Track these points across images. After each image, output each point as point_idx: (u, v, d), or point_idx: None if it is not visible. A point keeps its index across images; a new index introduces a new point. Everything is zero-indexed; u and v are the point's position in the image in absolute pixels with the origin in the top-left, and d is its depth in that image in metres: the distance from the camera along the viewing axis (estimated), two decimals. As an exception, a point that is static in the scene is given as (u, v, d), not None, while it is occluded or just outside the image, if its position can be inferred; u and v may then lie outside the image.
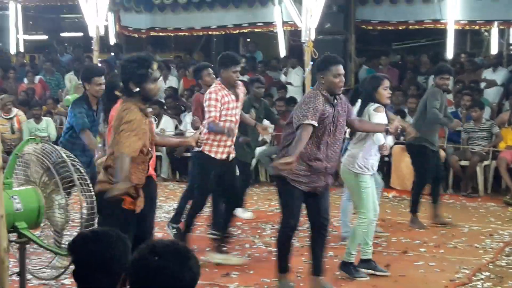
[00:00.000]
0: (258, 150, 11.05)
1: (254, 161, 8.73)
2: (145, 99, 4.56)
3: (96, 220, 4.76)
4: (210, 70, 7.55)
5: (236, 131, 6.72)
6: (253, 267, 6.55)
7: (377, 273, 6.27)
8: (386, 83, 6.18)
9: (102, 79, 6.67)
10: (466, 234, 7.89)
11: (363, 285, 6.03)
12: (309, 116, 5.25)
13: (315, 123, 5.27)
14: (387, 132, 5.87)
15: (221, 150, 6.63)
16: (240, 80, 6.84)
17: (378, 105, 6.14)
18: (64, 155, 4.75)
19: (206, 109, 6.59)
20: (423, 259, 6.81)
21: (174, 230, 7.37)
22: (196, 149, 6.54)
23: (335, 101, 5.46)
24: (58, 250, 4.79)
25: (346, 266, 6.16)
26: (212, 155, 6.60)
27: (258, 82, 8.68)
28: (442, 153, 9.63)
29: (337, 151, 5.59)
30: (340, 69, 5.48)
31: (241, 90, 6.79)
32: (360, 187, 6.03)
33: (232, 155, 6.73)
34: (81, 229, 4.62)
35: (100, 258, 2.86)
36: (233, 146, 6.72)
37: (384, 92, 6.14)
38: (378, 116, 6.08)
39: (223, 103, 6.52)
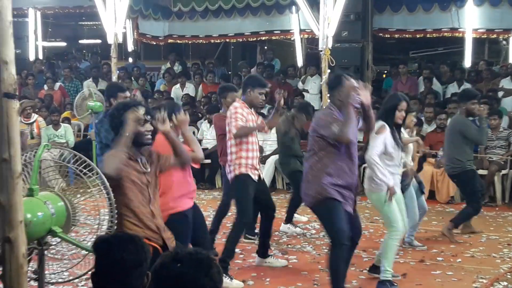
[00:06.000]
0: (273, 158, 11.07)
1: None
2: (135, 143, 4.53)
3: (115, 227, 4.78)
4: (236, 95, 7.19)
5: (259, 154, 6.63)
6: (269, 275, 6.54)
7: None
8: (403, 105, 6.15)
9: (127, 94, 6.64)
10: (483, 243, 7.86)
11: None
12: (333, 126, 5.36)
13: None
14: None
15: (253, 170, 6.49)
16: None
17: (383, 124, 6.08)
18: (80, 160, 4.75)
19: (231, 120, 6.44)
20: (441, 268, 6.79)
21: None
22: (231, 174, 6.52)
23: None
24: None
25: (383, 284, 6.02)
26: (250, 173, 6.47)
27: (308, 111, 8.47)
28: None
29: (357, 164, 5.63)
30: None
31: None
32: (382, 203, 5.99)
33: (262, 176, 6.68)
34: (99, 233, 4.62)
35: (122, 263, 2.89)
36: (261, 168, 6.65)
37: (399, 114, 6.14)
38: (378, 139, 6.02)
39: (247, 121, 6.46)
